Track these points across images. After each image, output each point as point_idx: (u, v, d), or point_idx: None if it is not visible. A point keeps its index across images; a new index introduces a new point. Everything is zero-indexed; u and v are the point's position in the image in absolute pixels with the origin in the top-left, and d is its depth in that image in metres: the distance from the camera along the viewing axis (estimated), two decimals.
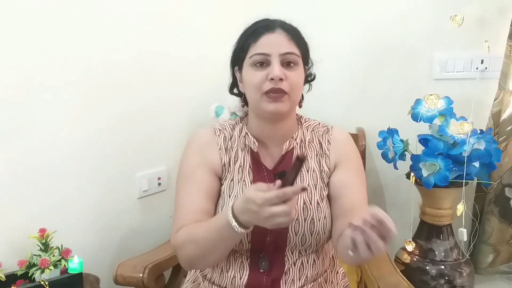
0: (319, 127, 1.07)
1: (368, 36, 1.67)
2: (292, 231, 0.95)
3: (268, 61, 0.92)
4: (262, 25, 0.95)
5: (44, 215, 1.22)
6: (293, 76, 0.93)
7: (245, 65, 0.96)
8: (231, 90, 1.07)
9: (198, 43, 1.64)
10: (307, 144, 1.03)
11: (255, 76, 0.93)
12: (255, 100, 0.95)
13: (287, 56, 0.93)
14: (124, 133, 1.43)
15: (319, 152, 1.03)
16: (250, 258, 0.97)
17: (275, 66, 0.91)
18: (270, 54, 0.92)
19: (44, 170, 1.23)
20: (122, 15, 1.39)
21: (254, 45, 0.94)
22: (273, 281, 0.96)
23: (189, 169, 1.01)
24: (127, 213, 1.48)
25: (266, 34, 0.93)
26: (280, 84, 0.91)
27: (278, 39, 0.93)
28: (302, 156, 0.76)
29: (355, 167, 1.03)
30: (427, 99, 1.37)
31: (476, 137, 1.31)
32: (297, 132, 1.03)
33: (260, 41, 0.93)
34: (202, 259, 0.91)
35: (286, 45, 0.93)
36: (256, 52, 0.93)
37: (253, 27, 0.97)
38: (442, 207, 1.41)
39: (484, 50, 1.44)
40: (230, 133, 1.05)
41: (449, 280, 1.38)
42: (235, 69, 1.02)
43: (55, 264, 1.13)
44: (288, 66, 0.93)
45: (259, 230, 0.93)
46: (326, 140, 1.04)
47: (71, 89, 1.27)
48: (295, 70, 0.94)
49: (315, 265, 1.00)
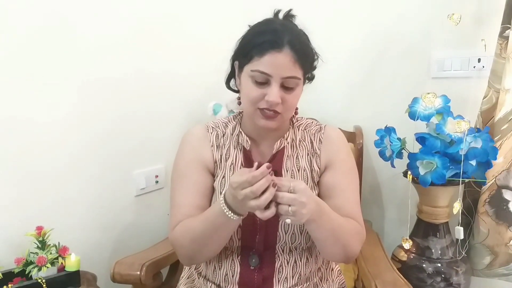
0: (311, 126, 1.07)
1: (366, 34, 1.67)
2: (282, 230, 0.96)
3: (269, 81, 0.90)
4: (269, 39, 0.90)
5: (41, 213, 1.22)
6: (291, 99, 0.93)
7: (245, 70, 0.94)
8: (227, 82, 1.06)
9: (196, 41, 1.64)
10: (297, 143, 1.04)
11: (252, 91, 0.92)
12: (249, 111, 0.96)
13: (288, 80, 0.91)
14: (122, 131, 1.43)
15: (310, 151, 1.03)
16: (241, 255, 0.98)
17: (274, 90, 0.89)
18: (272, 75, 0.90)
19: (42, 169, 1.23)
20: (122, 15, 1.38)
21: (258, 59, 0.90)
22: (264, 278, 0.97)
23: (184, 166, 1.01)
24: (124, 211, 1.48)
25: (272, 53, 0.89)
26: (275, 106, 0.91)
27: (283, 61, 0.89)
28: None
29: (347, 168, 1.02)
30: (424, 97, 1.37)
31: (473, 135, 1.31)
32: (288, 132, 1.04)
33: (265, 58, 0.89)
34: (200, 251, 0.93)
35: (290, 68, 0.90)
36: (258, 69, 0.90)
37: (261, 38, 0.91)
38: (439, 205, 1.41)
39: (481, 49, 1.44)
40: (223, 130, 1.05)
41: (446, 278, 1.38)
42: (234, 63, 1.01)
43: (52, 262, 1.13)
44: (288, 88, 0.92)
45: (249, 228, 0.95)
46: (317, 139, 1.04)
47: (70, 88, 1.27)
48: (293, 93, 0.93)
49: (308, 263, 1.01)
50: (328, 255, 0.99)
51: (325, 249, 0.95)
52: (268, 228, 0.96)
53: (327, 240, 0.91)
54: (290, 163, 1.01)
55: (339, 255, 0.94)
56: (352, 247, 0.94)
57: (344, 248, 0.93)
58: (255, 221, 0.95)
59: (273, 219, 0.95)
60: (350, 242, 0.93)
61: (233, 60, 1.01)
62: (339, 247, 0.92)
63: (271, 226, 0.96)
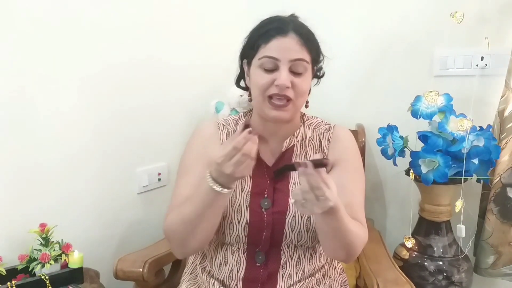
0: (321, 125, 1.07)
1: (369, 32, 1.67)
2: (288, 228, 0.96)
3: (277, 65, 0.91)
4: (274, 27, 0.92)
5: (45, 210, 1.22)
6: (300, 83, 0.92)
7: (253, 63, 0.95)
8: (237, 82, 1.07)
9: (198, 41, 1.64)
10: (307, 142, 1.03)
11: (262, 78, 0.92)
12: (258, 102, 0.95)
13: (296, 63, 0.91)
14: (125, 129, 1.43)
15: (318, 150, 1.03)
16: (247, 252, 0.98)
17: (283, 73, 0.90)
18: (279, 59, 0.90)
19: (45, 165, 1.23)
20: (125, 17, 1.39)
21: (264, 47, 0.92)
22: (269, 274, 0.97)
23: (190, 160, 1.02)
24: (127, 208, 1.49)
25: (277, 38, 0.91)
26: (286, 91, 0.91)
27: (290, 44, 0.91)
28: (325, 162, 0.76)
29: (353, 168, 1.02)
30: (426, 95, 1.37)
31: (476, 134, 1.31)
32: (299, 130, 1.04)
33: (271, 44, 0.91)
34: (192, 234, 0.91)
35: (297, 51, 0.91)
36: (265, 54, 0.91)
37: (266, 27, 0.94)
38: (441, 203, 1.41)
39: (484, 47, 1.44)
40: (234, 128, 1.05)
41: (447, 276, 1.38)
42: (243, 62, 1.01)
43: (56, 258, 1.14)
44: (296, 73, 0.92)
45: (256, 225, 0.95)
46: (326, 139, 1.04)
47: (72, 86, 1.28)
48: (303, 77, 0.93)
49: (312, 260, 1.01)
50: (331, 252, 0.99)
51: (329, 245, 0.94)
52: (275, 225, 0.96)
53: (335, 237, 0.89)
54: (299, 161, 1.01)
55: (341, 254, 0.94)
56: (356, 249, 0.93)
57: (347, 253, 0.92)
58: (262, 218, 0.96)
59: (280, 217, 0.95)
60: (353, 248, 0.92)
61: (241, 59, 1.02)
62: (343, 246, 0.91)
63: (278, 223, 0.96)
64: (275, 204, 0.97)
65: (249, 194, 0.98)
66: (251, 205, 0.96)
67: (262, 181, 0.99)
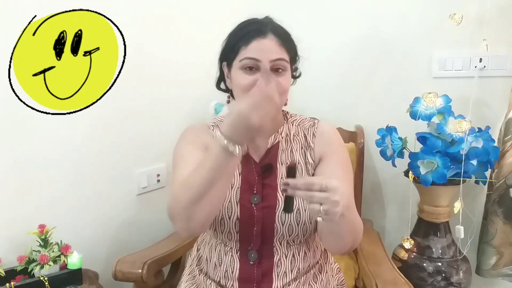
0: (305, 122, 1.08)
1: (367, 34, 1.67)
2: (278, 221, 0.96)
3: (258, 66, 0.93)
4: (254, 29, 0.95)
5: (44, 211, 1.22)
6: (282, 81, 0.95)
7: (234, 65, 0.97)
8: (217, 84, 1.09)
9: (198, 42, 1.64)
10: (291, 138, 1.05)
11: (243, 79, 0.94)
12: None
13: (277, 63, 0.94)
14: (124, 130, 1.43)
15: (304, 144, 1.04)
16: (240, 251, 0.99)
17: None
18: (260, 60, 0.93)
19: (43, 166, 1.23)
20: (122, 15, 1.38)
21: (244, 49, 0.94)
22: (264, 273, 0.98)
23: (184, 146, 1.02)
24: (126, 210, 1.49)
25: (257, 39, 0.94)
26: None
27: (269, 45, 0.94)
28: (292, 164, 0.80)
29: (340, 160, 1.02)
30: (425, 97, 1.37)
31: (474, 135, 1.32)
32: (283, 127, 1.05)
33: (251, 45, 0.94)
34: (198, 206, 0.85)
35: (276, 51, 0.94)
36: (246, 56, 0.94)
37: (245, 30, 0.97)
38: (440, 204, 1.42)
39: (483, 48, 1.44)
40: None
41: (446, 277, 1.39)
42: (223, 64, 1.03)
43: (55, 259, 1.14)
44: (277, 72, 0.95)
45: (246, 221, 0.96)
46: (311, 133, 1.05)
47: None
48: (284, 76, 0.96)
49: (306, 257, 1.02)
50: (333, 247, 0.98)
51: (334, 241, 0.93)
52: (265, 219, 0.96)
53: (343, 233, 0.88)
54: (284, 156, 1.02)
55: (344, 247, 0.93)
56: (357, 241, 0.93)
57: (353, 242, 0.92)
58: (252, 213, 0.96)
59: (269, 211, 0.96)
60: (358, 237, 0.93)
61: (220, 62, 1.04)
62: (349, 240, 0.91)
63: (268, 217, 0.96)
64: (264, 199, 0.98)
65: (239, 190, 0.99)
66: (241, 201, 0.97)
67: (250, 178, 1.00)
